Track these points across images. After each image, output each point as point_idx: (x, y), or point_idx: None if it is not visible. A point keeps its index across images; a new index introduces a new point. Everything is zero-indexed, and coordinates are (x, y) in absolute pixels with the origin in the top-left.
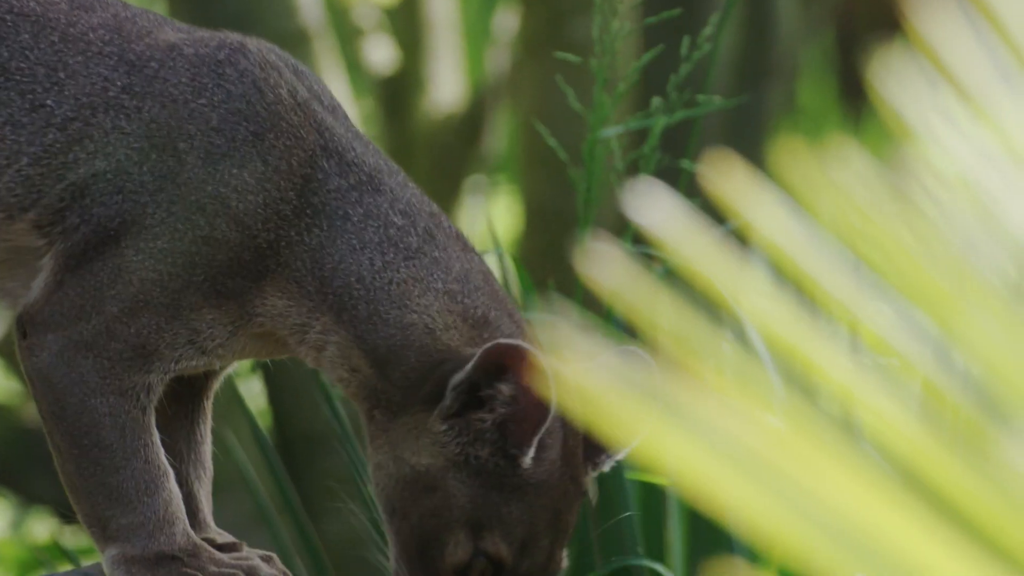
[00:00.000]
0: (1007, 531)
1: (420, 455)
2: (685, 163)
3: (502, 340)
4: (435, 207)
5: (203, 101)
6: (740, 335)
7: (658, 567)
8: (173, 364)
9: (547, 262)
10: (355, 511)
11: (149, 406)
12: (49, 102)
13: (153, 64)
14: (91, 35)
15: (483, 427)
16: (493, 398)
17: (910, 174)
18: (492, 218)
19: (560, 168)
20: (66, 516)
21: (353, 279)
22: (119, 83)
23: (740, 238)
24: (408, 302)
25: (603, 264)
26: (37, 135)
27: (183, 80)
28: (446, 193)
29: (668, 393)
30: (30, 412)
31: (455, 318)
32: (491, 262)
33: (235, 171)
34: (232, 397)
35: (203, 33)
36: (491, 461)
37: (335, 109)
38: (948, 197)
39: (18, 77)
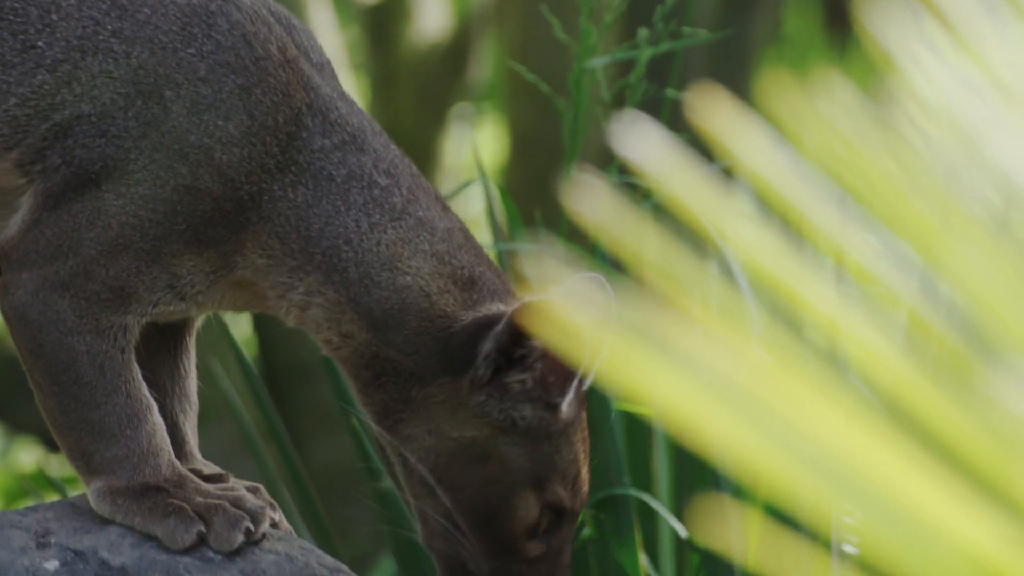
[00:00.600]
0: (991, 462)
1: (463, 428)
2: (670, 93)
3: (526, 300)
4: (415, 168)
5: (192, 51)
6: (725, 267)
7: (645, 497)
8: (151, 308)
9: (533, 191)
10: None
11: (128, 346)
12: (40, 43)
13: (145, 10)
14: None
15: (525, 387)
16: (527, 356)
17: (895, 105)
18: (478, 147)
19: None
20: (52, 445)
21: (341, 241)
22: (110, 27)
23: (725, 170)
24: (399, 264)
25: (589, 197)
26: (26, 76)
27: (174, 28)
28: (432, 122)
29: (653, 325)
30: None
31: (446, 281)
32: (477, 192)
33: (220, 123)
34: (218, 326)
35: None
36: (535, 417)
37: (323, 67)
38: (932, 127)
39: (11, 17)
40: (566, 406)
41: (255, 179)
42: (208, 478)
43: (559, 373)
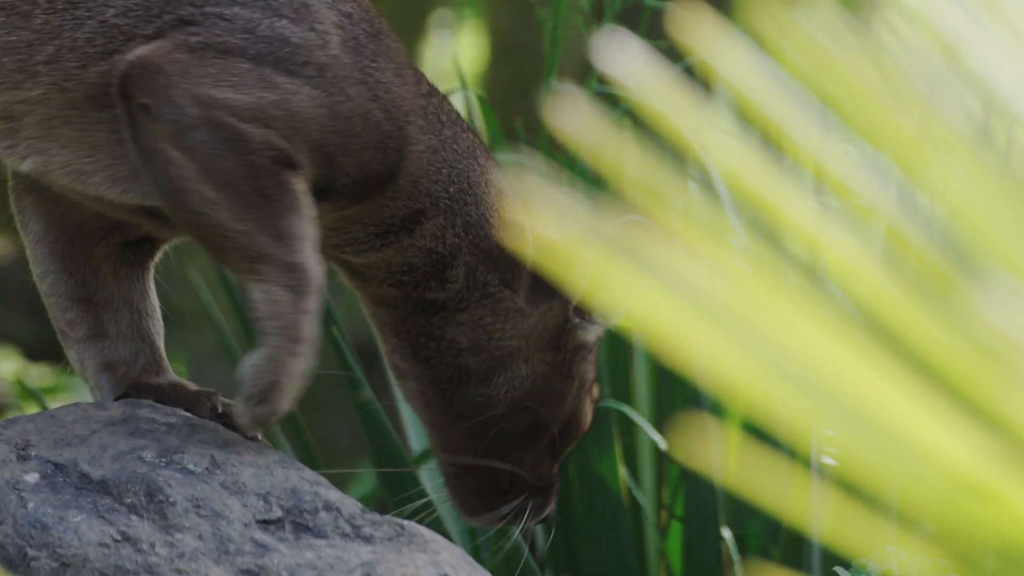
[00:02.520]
0: (970, 377)
1: (556, 353)
2: (650, 2)
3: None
4: None
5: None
6: (705, 181)
7: (625, 409)
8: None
9: (512, 99)
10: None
11: (301, 181)
12: None
13: None
14: None
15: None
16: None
17: (875, 15)
18: (458, 55)
19: (526, 3)
20: (33, 355)
21: (465, 184)
22: None
23: (705, 83)
24: (500, 204)
25: (569, 111)
26: None
27: None
28: (412, 28)
29: (633, 239)
30: None
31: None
32: (457, 101)
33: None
34: None
35: None
36: (593, 339)
37: None
38: (914, 39)
39: None
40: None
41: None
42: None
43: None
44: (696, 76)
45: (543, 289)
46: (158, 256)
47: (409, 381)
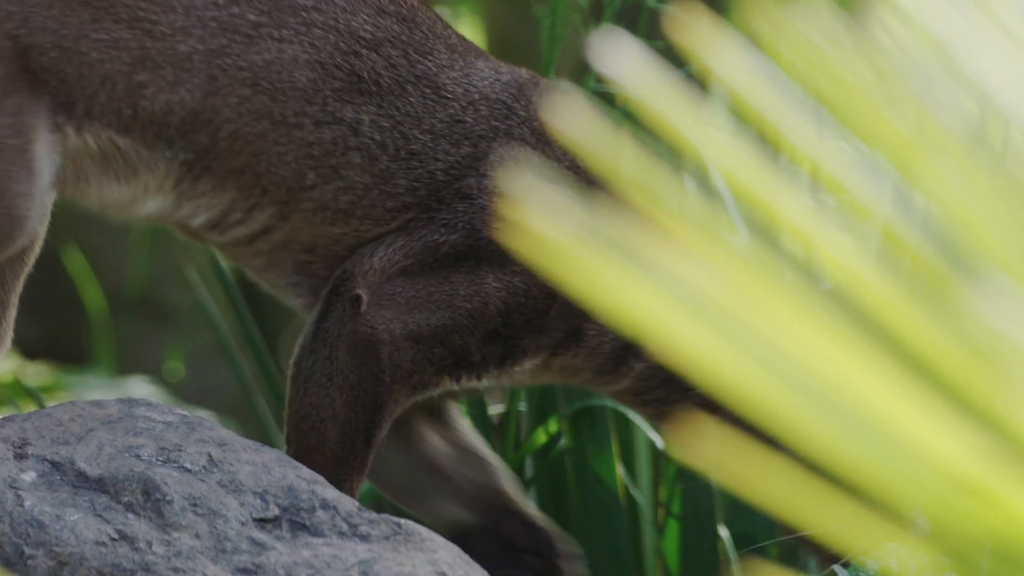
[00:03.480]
0: (965, 376)
1: None
2: (649, 2)
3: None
4: None
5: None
6: (702, 180)
7: (622, 407)
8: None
9: None
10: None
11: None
12: (467, 119)
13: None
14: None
15: None
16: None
17: (871, 15)
18: None
19: (524, 1)
20: (30, 354)
21: None
22: (517, 116)
23: (701, 82)
24: None
25: (566, 109)
26: (455, 146)
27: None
28: None
29: (628, 238)
30: None
31: None
32: None
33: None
34: None
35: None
36: None
37: None
38: (909, 38)
39: (446, 95)
40: None
41: None
42: None
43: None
44: (693, 76)
45: None
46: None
47: None
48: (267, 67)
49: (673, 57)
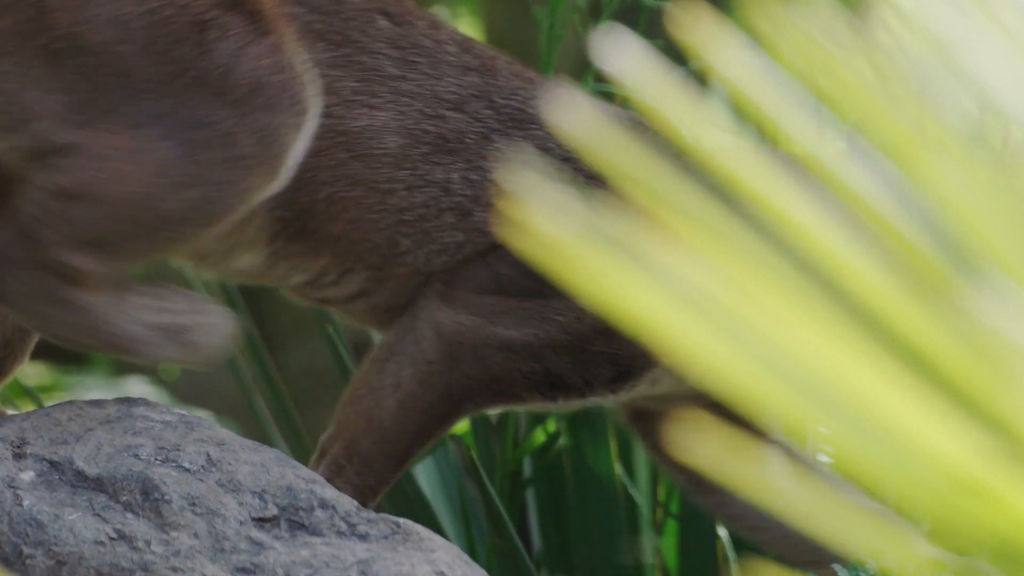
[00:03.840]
0: (966, 376)
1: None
2: (648, 1)
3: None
4: None
5: None
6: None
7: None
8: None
9: None
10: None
11: None
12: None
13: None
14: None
15: None
16: None
17: (872, 13)
18: None
19: (523, 0)
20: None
21: None
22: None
23: (702, 80)
24: None
25: (567, 108)
26: None
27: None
28: None
29: (631, 238)
30: None
31: None
32: None
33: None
34: None
35: None
36: None
37: None
38: (910, 38)
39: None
40: None
41: None
42: None
43: None
44: (694, 74)
45: None
46: None
47: None
48: (361, 133)
49: (674, 55)
